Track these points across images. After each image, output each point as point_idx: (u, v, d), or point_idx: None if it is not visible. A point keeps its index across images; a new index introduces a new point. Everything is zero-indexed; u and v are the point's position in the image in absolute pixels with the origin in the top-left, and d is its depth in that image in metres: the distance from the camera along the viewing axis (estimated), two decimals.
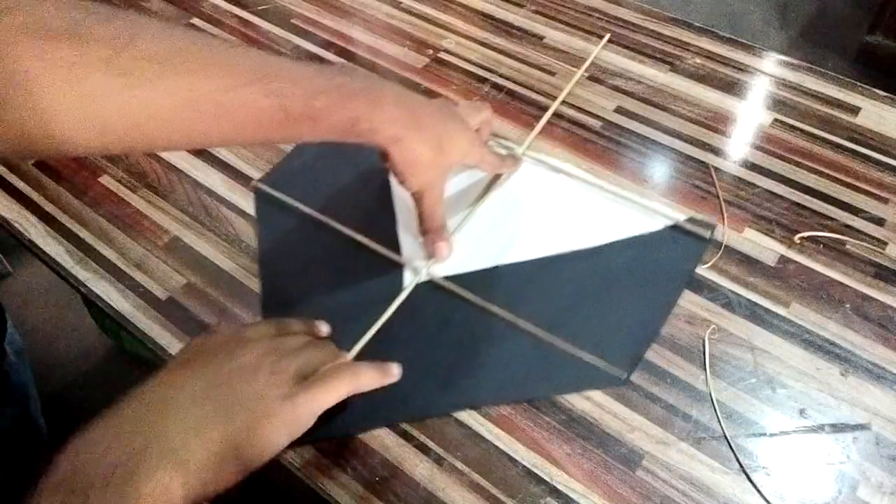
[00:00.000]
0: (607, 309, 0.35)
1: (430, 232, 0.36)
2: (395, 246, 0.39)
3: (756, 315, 0.36)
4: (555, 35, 0.53)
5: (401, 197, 0.41)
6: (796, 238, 0.40)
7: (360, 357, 0.33)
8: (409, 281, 0.37)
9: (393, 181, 0.41)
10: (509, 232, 0.39)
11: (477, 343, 0.34)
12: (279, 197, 0.41)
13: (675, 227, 0.39)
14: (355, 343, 0.34)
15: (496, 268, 0.37)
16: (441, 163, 0.33)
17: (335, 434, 0.31)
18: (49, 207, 0.43)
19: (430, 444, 0.32)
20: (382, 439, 0.32)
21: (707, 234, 0.38)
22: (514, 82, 0.50)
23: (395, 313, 0.35)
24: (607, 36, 0.50)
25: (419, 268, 0.37)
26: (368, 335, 0.34)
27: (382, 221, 0.40)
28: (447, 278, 0.37)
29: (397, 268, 0.38)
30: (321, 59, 0.52)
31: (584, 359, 0.34)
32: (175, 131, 0.27)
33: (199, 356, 0.27)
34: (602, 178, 0.42)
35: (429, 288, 0.37)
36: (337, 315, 0.35)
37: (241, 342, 0.28)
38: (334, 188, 0.42)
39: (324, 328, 0.33)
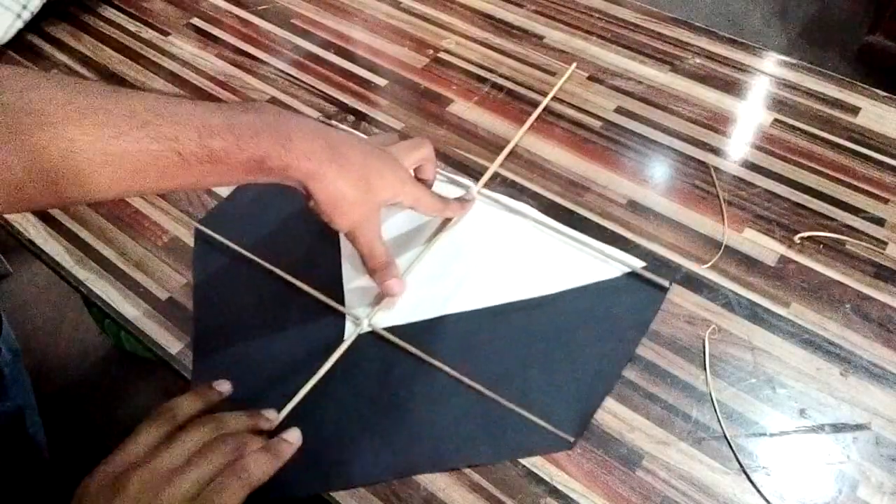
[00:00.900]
0: (558, 365, 0.33)
1: (376, 271, 0.34)
2: (338, 292, 0.36)
3: (756, 315, 0.36)
4: (555, 35, 0.53)
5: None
6: (796, 238, 0.40)
7: (294, 415, 0.31)
8: (350, 332, 0.34)
9: None
10: (458, 278, 0.37)
11: (417, 402, 0.32)
12: (219, 239, 0.39)
13: (633, 275, 0.37)
14: (289, 400, 0.31)
15: (442, 318, 0.35)
16: (369, 199, 0.31)
17: (275, 496, 0.29)
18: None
19: None
20: None
21: (666, 282, 0.36)
22: (514, 82, 0.50)
23: (333, 367, 0.33)
24: (573, 65, 0.49)
25: (360, 317, 0.35)
26: (302, 392, 0.32)
27: (326, 265, 0.37)
28: (389, 329, 0.35)
29: (339, 317, 0.35)
30: (321, 60, 0.52)
31: (530, 420, 0.32)
32: (63, 186, 0.24)
33: None
34: (559, 222, 0.39)
35: (370, 340, 0.34)
36: (274, 367, 0.33)
37: (113, 491, 0.25)
38: (277, 228, 0.39)
39: (223, 387, 0.30)
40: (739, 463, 0.31)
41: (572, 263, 0.38)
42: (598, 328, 0.35)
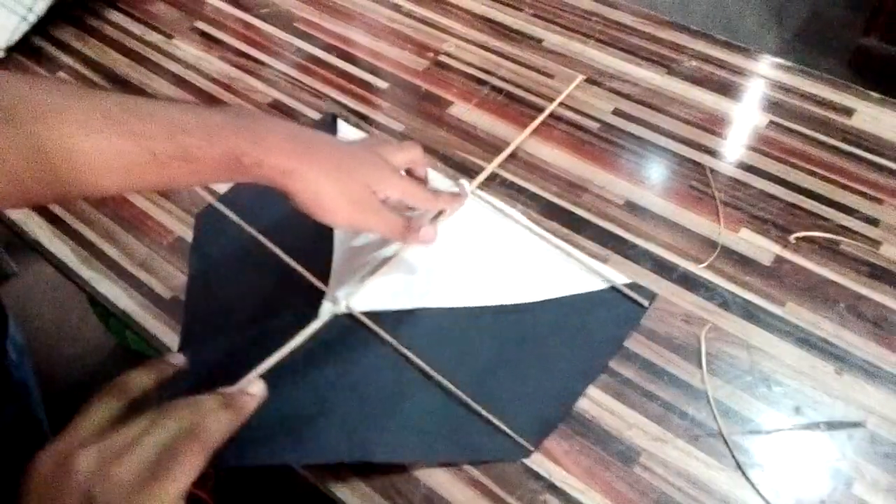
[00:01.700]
0: (526, 373, 0.34)
1: (403, 237, 0.34)
2: (325, 275, 0.36)
3: (752, 314, 0.37)
4: (553, 38, 0.54)
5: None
6: (791, 238, 0.40)
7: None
8: (327, 310, 0.34)
9: None
10: (441, 274, 0.37)
11: (383, 390, 0.32)
12: (229, 216, 0.39)
13: (613, 291, 0.37)
14: (251, 370, 0.30)
15: (420, 310, 0.35)
16: (352, 187, 0.30)
17: (228, 465, 0.27)
18: (54, 207, 0.43)
19: None
20: None
21: (646, 301, 0.36)
22: (514, 84, 0.50)
23: (304, 344, 0.32)
24: (580, 77, 0.49)
25: (339, 298, 0.35)
26: (266, 364, 0.30)
27: (319, 250, 0.38)
28: (366, 314, 0.35)
29: (320, 296, 0.35)
30: (323, 62, 0.53)
31: (493, 424, 0.32)
32: (52, 180, 0.24)
33: None
34: (548, 231, 0.40)
35: (346, 322, 0.34)
36: (254, 344, 0.33)
37: (58, 480, 0.23)
38: (275, 221, 0.39)
39: (177, 360, 0.29)
40: (735, 460, 0.31)
41: (555, 273, 0.38)
42: (572, 341, 0.35)
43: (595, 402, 0.33)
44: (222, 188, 0.44)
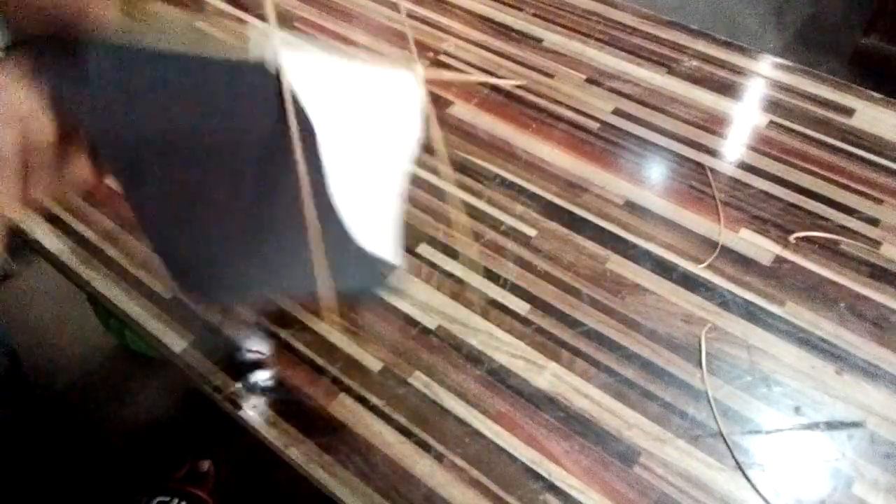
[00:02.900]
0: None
1: None
2: None
3: (752, 314, 0.37)
4: (553, 38, 0.54)
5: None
6: (791, 238, 0.40)
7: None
8: (253, 44, 0.23)
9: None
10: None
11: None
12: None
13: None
14: None
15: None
16: None
17: None
18: (54, 207, 0.43)
19: (431, 441, 0.32)
20: (384, 437, 0.33)
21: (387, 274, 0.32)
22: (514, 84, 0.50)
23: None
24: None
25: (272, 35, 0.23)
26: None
27: None
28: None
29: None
30: None
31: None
32: None
33: None
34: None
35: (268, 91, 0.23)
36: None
37: None
38: None
39: None
40: (735, 460, 0.31)
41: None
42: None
43: (595, 402, 0.33)
44: None
